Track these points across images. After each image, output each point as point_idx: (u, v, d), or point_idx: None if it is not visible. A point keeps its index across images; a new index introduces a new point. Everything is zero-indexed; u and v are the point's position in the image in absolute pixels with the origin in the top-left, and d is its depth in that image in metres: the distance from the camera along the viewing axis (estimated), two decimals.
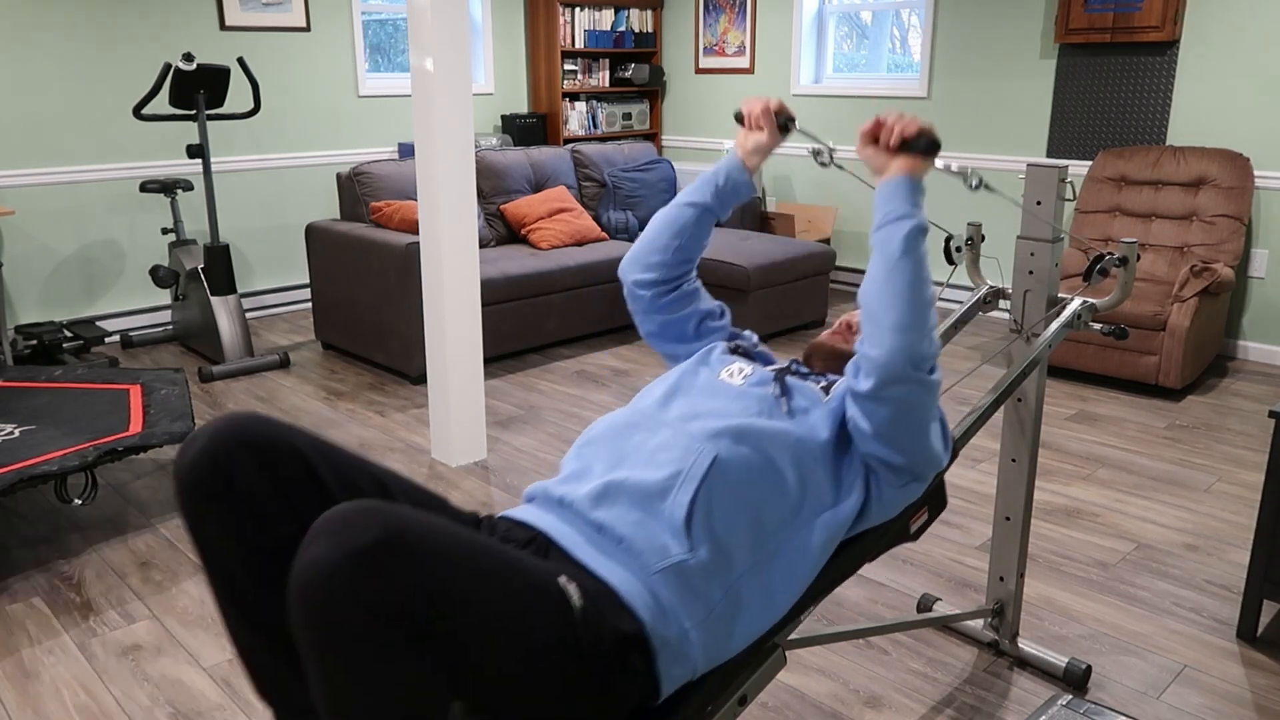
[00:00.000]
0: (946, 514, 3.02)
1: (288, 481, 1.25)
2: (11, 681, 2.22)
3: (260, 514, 1.24)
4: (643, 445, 1.43)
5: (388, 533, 1.01)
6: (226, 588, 1.27)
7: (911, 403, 1.38)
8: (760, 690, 1.47)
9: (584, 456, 1.47)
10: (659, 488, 1.35)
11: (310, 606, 1.00)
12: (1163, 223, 4.48)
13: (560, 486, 1.44)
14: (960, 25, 5.25)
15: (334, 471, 1.29)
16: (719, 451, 1.37)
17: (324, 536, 1.01)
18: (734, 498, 1.36)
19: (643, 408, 1.52)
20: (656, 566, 1.30)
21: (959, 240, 1.98)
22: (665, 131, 6.93)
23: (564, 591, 1.18)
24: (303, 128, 5.42)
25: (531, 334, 4.58)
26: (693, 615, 1.30)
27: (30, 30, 4.48)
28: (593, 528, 1.36)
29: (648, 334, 1.76)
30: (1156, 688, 2.18)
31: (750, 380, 1.52)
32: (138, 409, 3.01)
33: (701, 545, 1.32)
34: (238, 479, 1.23)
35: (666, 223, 1.71)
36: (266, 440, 1.25)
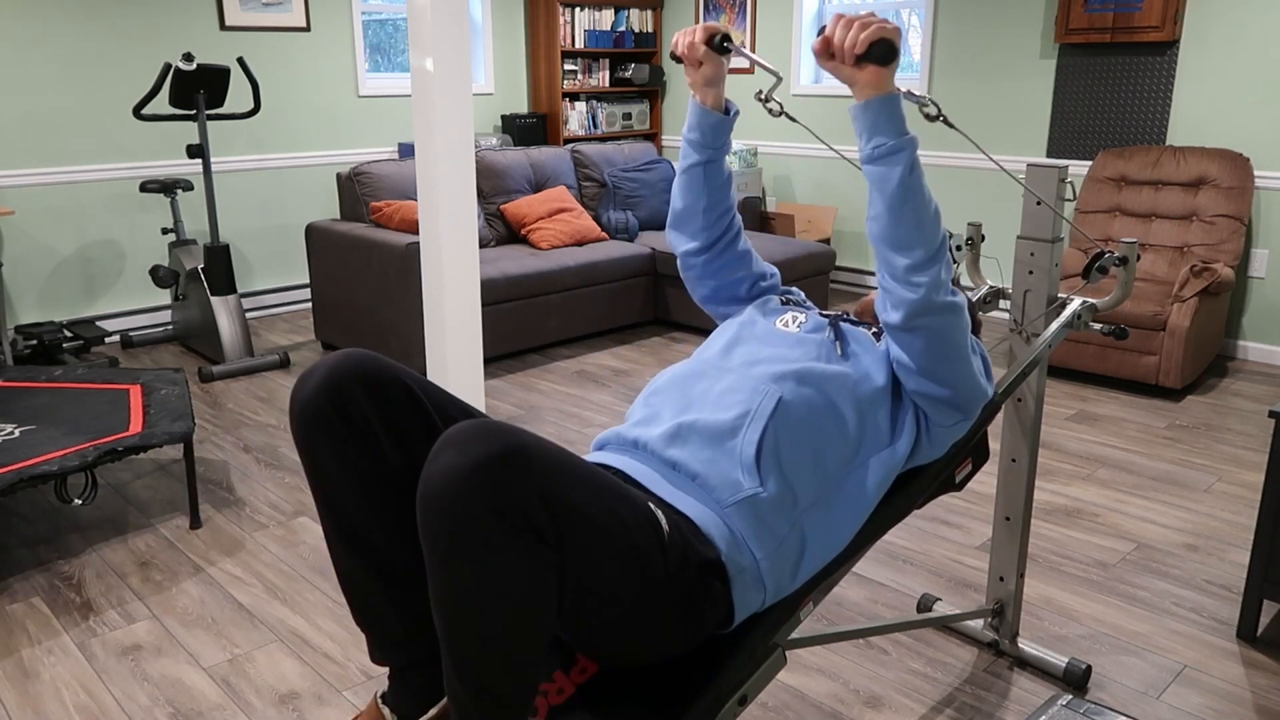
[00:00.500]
0: (946, 514, 3.03)
1: (397, 414, 1.32)
2: (11, 681, 2.22)
3: (372, 443, 1.31)
4: (709, 390, 1.49)
5: (510, 445, 1.07)
6: (336, 514, 1.33)
7: (942, 328, 1.43)
8: (760, 690, 1.47)
9: (652, 404, 1.53)
10: (729, 427, 1.41)
11: (441, 508, 1.06)
12: (1163, 223, 4.48)
13: (633, 430, 1.50)
14: (960, 25, 5.25)
15: (438, 407, 1.36)
16: (783, 393, 1.43)
17: (454, 447, 1.07)
18: (799, 436, 1.42)
19: (706, 358, 1.58)
20: (730, 500, 1.36)
21: (959, 240, 1.98)
22: (665, 131, 6.93)
23: (655, 515, 1.25)
24: (303, 128, 5.42)
25: (531, 334, 4.58)
26: (763, 546, 1.37)
27: (30, 30, 4.48)
28: (668, 465, 1.42)
29: (702, 298, 1.80)
30: (1156, 688, 2.18)
31: (806, 327, 1.58)
32: (138, 409, 3.02)
33: (770, 480, 1.38)
34: (352, 411, 1.29)
35: (683, 191, 1.72)
36: (379, 376, 1.31)
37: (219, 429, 3.73)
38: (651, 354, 4.69)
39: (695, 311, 4.92)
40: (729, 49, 1.56)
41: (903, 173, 1.39)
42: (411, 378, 1.35)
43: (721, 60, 1.59)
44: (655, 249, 5.03)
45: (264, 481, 3.27)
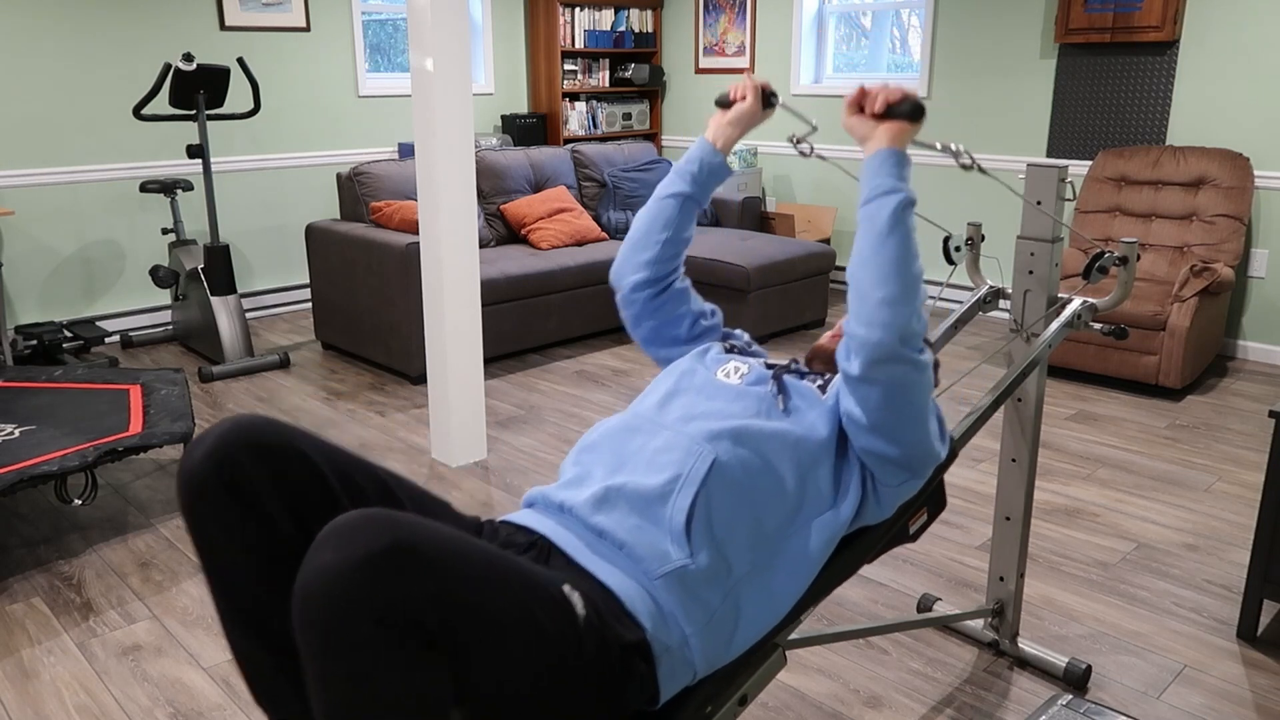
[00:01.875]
0: (946, 514, 3.02)
1: (292, 484, 1.25)
2: (11, 681, 2.22)
3: (263, 517, 1.23)
4: (642, 449, 1.42)
5: (398, 540, 1.00)
6: (227, 591, 1.26)
7: (903, 383, 1.35)
8: (760, 690, 1.47)
9: (583, 462, 1.46)
10: (659, 492, 1.34)
11: (318, 613, 0.99)
12: (1163, 223, 4.48)
13: (560, 492, 1.43)
14: (960, 25, 5.25)
15: (339, 475, 1.28)
16: (718, 454, 1.36)
17: (334, 543, 1.00)
18: (734, 501, 1.35)
19: (641, 410, 1.51)
20: (658, 572, 1.30)
21: (958, 240, 1.98)
22: (665, 131, 6.93)
23: (568, 600, 1.18)
24: (303, 128, 5.42)
25: (531, 334, 4.58)
26: (693, 621, 1.30)
27: (30, 30, 4.48)
28: (593, 533, 1.35)
29: (643, 340, 1.74)
30: (1156, 688, 2.18)
31: (748, 379, 1.50)
32: (138, 409, 3.01)
33: (702, 550, 1.31)
34: (242, 482, 1.22)
35: (650, 218, 1.69)
36: (272, 443, 1.24)
37: None
38: None
39: None
40: (774, 105, 1.71)
41: (895, 208, 1.38)
42: (311, 444, 1.27)
43: (759, 106, 1.69)
44: None
45: None
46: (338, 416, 3.87)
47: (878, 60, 5.93)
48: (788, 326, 5.01)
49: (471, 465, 3.41)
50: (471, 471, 3.35)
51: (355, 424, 3.79)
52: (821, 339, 1.70)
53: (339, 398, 4.09)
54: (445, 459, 3.42)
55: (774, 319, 4.87)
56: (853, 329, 1.36)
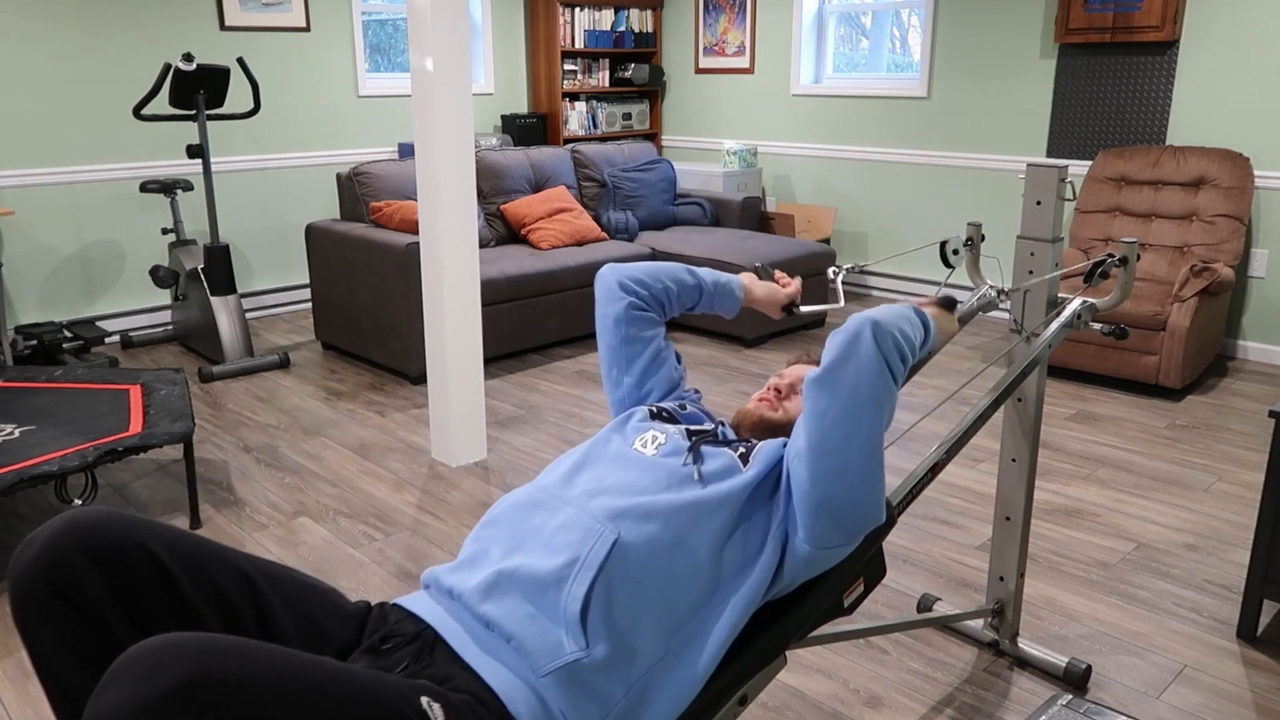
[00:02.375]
0: (946, 514, 3.03)
1: (134, 587, 1.15)
2: (11, 681, 2.22)
3: (99, 624, 1.13)
4: (543, 527, 1.34)
5: (193, 673, 0.90)
6: (62, 703, 1.16)
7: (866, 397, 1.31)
8: (760, 690, 1.47)
9: (482, 539, 1.38)
10: (553, 577, 1.25)
11: None
12: (1163, 223, 4.48)
13: (452, 575, 1.35)
14: (960, 25, 5.25)
15: (190, 571, 1.18)
16: (620, 533, 1.28)
17: (120, 680, 0.90)
18: (639, 584, 1.27)
19: (546, 484, 1.43)
20: (546, 668, 1.21)
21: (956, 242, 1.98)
22: (665, 131, 6.93)
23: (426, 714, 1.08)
24: (303, 128, 5.42)
25: (531, 334, 4.58)
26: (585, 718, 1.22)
27: (30, 30, 4.48)
28: (480, 623, 1.27)
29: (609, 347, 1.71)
30: (1156, 688, 2.18)
31: (663, 450, 1.43)
32: (138, 409, 3.02)
33: (600, 642, 1.23)
34: (75, 587, 1.12)
35: (664, 268, 1.76)
36: (110, 542, 1.14)
37: (219, 429, 3.73)
38: None
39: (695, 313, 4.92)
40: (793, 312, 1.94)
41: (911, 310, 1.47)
42: (160, 539, 1.17)
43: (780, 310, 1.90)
44: (655, 249, 5.02)
45: (264, 481, 3.27)
46: (338, 416, 3.87)
47: (878, 60, 5.93)
48: (787, 327, 5.01)
49: (471, 465, 3.41)
50: (471, 471, 3.35)
51: (355, 424, 3.79)
52: (748, 403, 1.65)
53: (339, 398, 4.09)
54: (445, 459, 3.42)
55: (774, 319, 4.86)
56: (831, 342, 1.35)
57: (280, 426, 3.76)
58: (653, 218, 5.42)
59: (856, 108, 5.78)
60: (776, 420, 1.59)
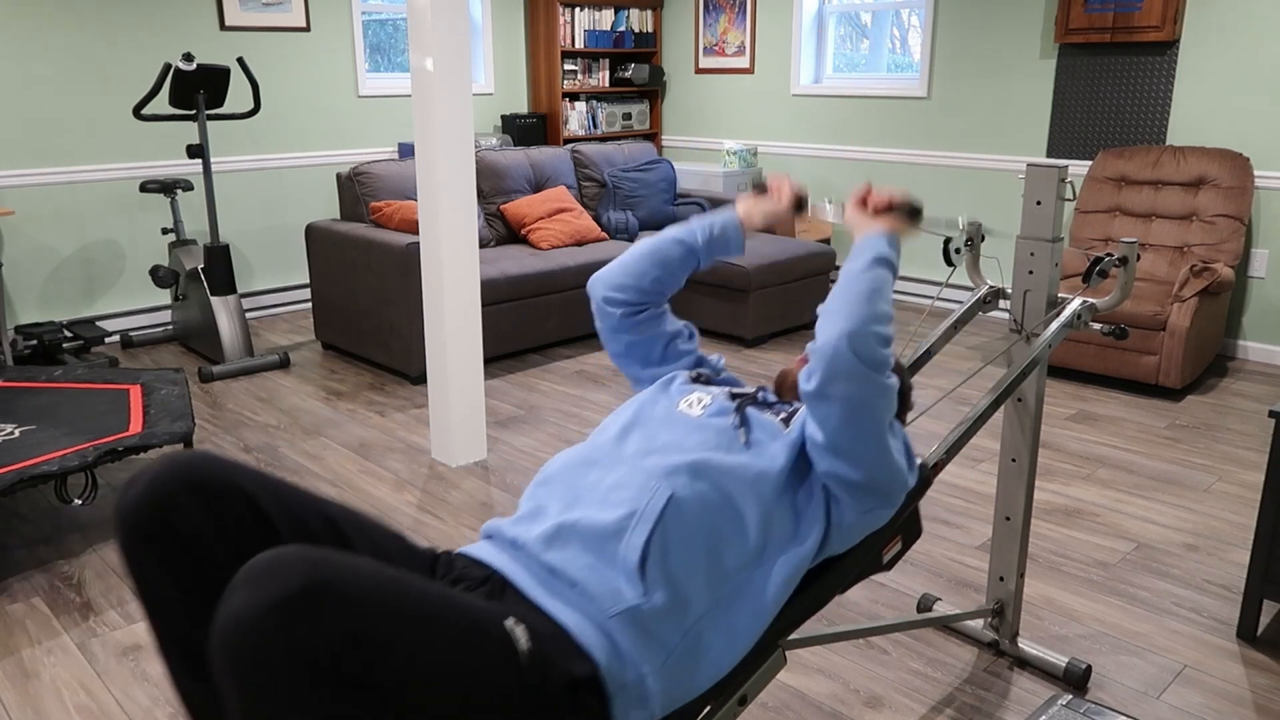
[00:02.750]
0: (946, 514, 3.02)
1: (232, 523, 1.22)
2: (11, 681, 2.22)
3: (202, 558, 1.21)
4: (598, 484, 1.40)
5: (311, 580, 0.97)
6: (168, 634, 1.23)
7: (861, 402, 1.34)
8: (760, 690, 1.47)
9: (538, 496, 1.44)
10: (613, 529, 1.32)
11: (231, 661, 0.96)
12: (1163, 223, 4.48)
13: (514, 527, 1.41)
14: (960, 25, 5.25)
15: (282, 511, 1.26)
16: (675, 489, 1.34)
17: (245, 586, 0.97)
18: (691, 538, 1.33)
19: (600, 443, 1.49)
20: (611, 611, 1.27)
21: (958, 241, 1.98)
22: (665, 131, 6.93)
23: (510, 635, 1.15)
24: (303, 128, 5.42)
25: (531, 334, 4.58)
26: (650, 660, 1.28)
27: (30, 30, 4.48)
28: (546, 570, 1.33)
29: (615, 354, 1.72)
30: (1156, 688, 2.18)
31: (709, 411, 1.48)
32: (138, 409, 3.01)
33: (657, 589, 1.29)
34: (179, 522, 1.19)
35: (649, 252, 1.68)
36: (211, 481, 1.22)
37: (219, 429, 3.73)
38: None
39: (695, 312, 4.93)
40: (803, 209, 1.77)
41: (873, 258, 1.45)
42: (252, 480, 1.25)
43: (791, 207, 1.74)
44: None
45: None
46: (338, 416, 3.87)
47: (878, 60, 5.93)
48: (788, 326, 5.01)
49: (471, 465, 3.41)
50: (471, 471, 3.35)
51: (355, 424, 3.79)
52: (790, 365, 1.69)
53: (339, 398, 4.09)
54: (445, 459, 3.42)
55: (774, 319, 4.87)
56: (814, 348, 1.38)
57: (280, 426, 3.76)
58: (653, 218, 5.42)
59: (856, 108, 5.78)
60: None
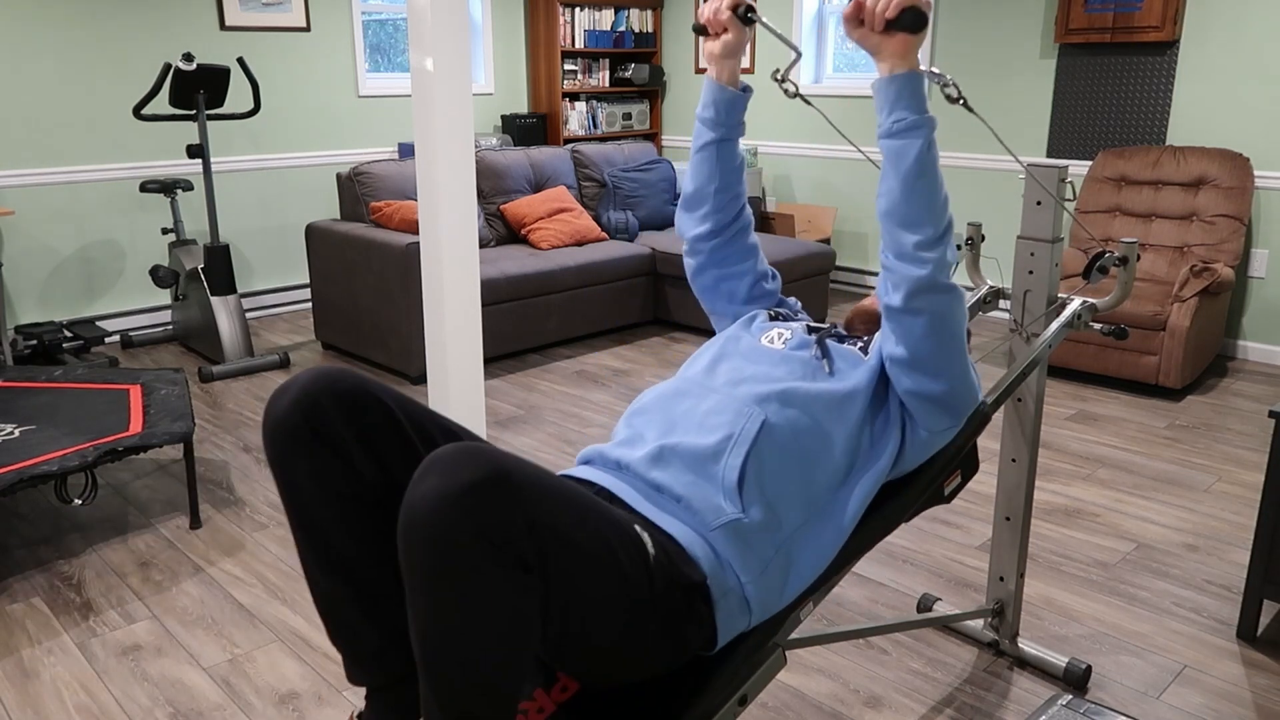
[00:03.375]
0: (947, 514, 3.02)
1: (372, 431, 1.30)
2: (11, 681, 2.22)
3: (346, 460, 1.29)
4: (693, 411, 1.47)
5: (495, 470, 1.06)
6: (311, 534, 1.31)
7: (943, 312, 1.42)
8: (760, 690, 1.47)
9: (635, 425, 1.51)
10: (711, 451, 1.40)
11: (425, 535, 1.04)
12: (1163, 223, 4.48)
13: (616, 450, 1.48)
14: (960, 25, 5.25)
15: (414, 424, 1.34)
16: (767, 415, 1.42)
17: (436, 472, 1.06)
18: (783, 460, 1.41)
19: (690, 375, 1.56)
20: (714, 523, 1.35)
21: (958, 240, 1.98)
22: (665, 131, 6.93)
23: (640, 538, 1.24)
24: (303, 128, 5.42)
25: (531, 334, 4.58)
26: (748, 570, 1.36)
27: (30, 30, 4.48)
28: (651, 487, 1.41)
29: (701, 290, 1.78)
30: (1156, 688, 2.18)
31: (791, 344, 1.56)
32: (138, 409, 3.02)
33: (754, 506, 1.37)
34: (326, 428, 1.28)
35: (694, 172, 1.73)
36: (355, 393, 1.30)
37: (219, 429, 3.73)
38: (651, 354, 4.69)
39: (695, 311, 4.92)
40: (753, 19, 1.59)
41: (921, 148, 1.41)
42: (390, 395, 1.33)
43: (743, 30, 1.60)
44: (655, 249, 5.02)
45: (264, 481, 3.27)
46: None
47: None
48: None
49: None
50: None
51: None
52: (863, 302, 1.79)
53: None
54: None
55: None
56: (892, 264, 1.43)
57: None
58: (653, 218, 5.42)
59: (856, 108, 5.78)
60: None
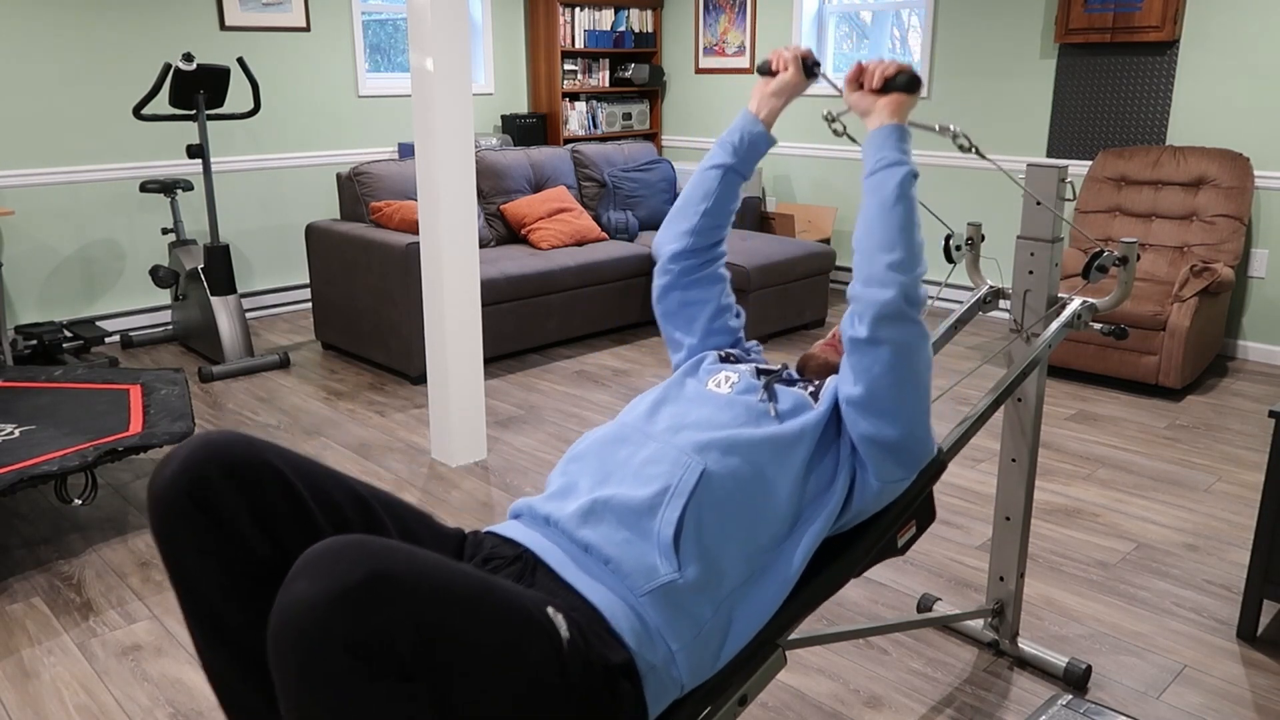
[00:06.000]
0: (946, 514, 3.02)
1: (265, 502, 1.23)
2: (11, 681, 2.22)
3: (236, 536, 1.21)
4: (630, 459, 1.41)
5: (375, 570, 0.98)
6: (199, 612, 1.24)
7: (908, 346, 1.38)
8: (760, 690, 1.47)
9: (570, 473, 1.45)
10: (647, 505, 1.33)
11: (293, 645, 0.97)
12: (1163, 223, 4.48)
13: (546, 504, 1.41)
14: (960, 25, 5.25)
15: (314, 491, 1.27)
16: (707, 464, 1.35)
17: (309, 573, 0.98)
18: (724, 512, 1.34)
19: (629, 420, 1.50)
20: (645, 588, 1.28)
21: (958, 240, 1.98)
22: (665, 131, 6.93)
23: (552, 622, 1.16)
24: (303, 128, 5.42)
25: (531, 334, 4.58)
26: (680, 637, 1.29)
27: (30, 30, 4.48)
28: (579, 547, 1.34)
29: (664, 314, 1.73)
30: (1156, 688, 2.18)
31: (737, 388, 1.50)
32: (138, 409, 3.01)
33: (691, 563, 1.30)
34: (213, 500, 1.20)
35: (691, 189, 1.71)
36: (244, 460, 1.22)
37: (219, 429, 3.73)
38: (651, 354, 4.69)
39: None
40: (816, 75, 1.69)
41: (902, 178, 1.43)
42: (287, 461, 1.26)
43: (803, 79, 1.67)
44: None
45: None
46: (338, 416, 3.87)
47: None
48: (788, 326, 5.01)
49: (471, 465, 3.41)
50: (471, 471, 3.35)
51: (355, 424, 3.79)
52: (813, 347, 1.71)
53: (339, 398, 4.09)
54: (445, 459, 3.42)
55: (774, 319, 4.87)
56: (860, 292, 1.41)
57: (280, 426, 3.76)
58: (653, 218, 5.42)
59: None
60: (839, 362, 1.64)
